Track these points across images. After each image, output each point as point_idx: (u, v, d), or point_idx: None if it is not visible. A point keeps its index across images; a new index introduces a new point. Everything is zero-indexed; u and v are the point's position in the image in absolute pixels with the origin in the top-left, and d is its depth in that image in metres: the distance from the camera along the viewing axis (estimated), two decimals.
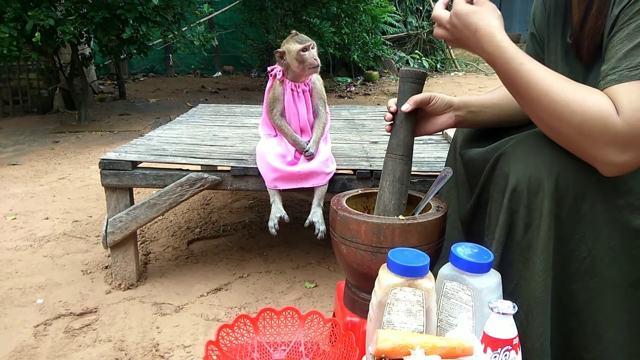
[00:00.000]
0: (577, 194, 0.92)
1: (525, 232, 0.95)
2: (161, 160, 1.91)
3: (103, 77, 8.67)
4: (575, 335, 0.96)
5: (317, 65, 1.73)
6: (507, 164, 0.99)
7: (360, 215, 1.17)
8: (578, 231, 0.93)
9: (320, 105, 1.86)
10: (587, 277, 0.93)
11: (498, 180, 1.01)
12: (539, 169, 0.93)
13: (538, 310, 0.93)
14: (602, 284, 0.93)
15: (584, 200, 0.92)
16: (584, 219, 0.92)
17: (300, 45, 1.69)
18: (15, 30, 4.06)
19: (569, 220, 0.93)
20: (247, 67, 9.66)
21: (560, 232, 0.93)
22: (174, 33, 5.06)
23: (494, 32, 0.99)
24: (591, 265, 0.93)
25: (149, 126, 4.93)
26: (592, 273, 0.93)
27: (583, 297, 0.94)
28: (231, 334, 1.32)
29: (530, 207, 0.94)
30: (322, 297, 1.87)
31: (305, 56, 1.70)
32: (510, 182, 0.96)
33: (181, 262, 2.16)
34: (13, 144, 4.48)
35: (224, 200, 2.91)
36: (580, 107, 0.87)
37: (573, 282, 0.95)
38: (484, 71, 8.55)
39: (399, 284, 0.97)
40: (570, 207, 0.92)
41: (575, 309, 0.95)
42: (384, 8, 7.04)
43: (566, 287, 0.95)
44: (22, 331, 1.65)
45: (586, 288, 0.94)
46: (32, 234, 2.47)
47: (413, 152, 1.22)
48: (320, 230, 1.73)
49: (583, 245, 0.93)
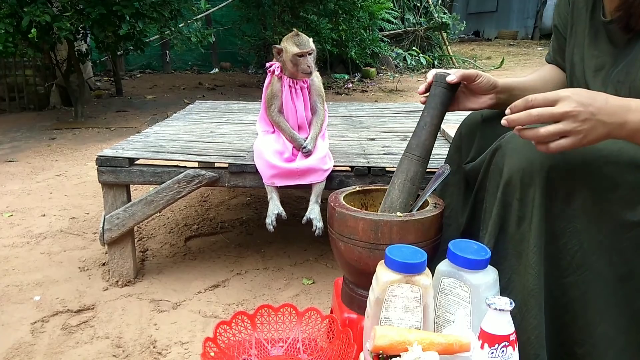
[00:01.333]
0: (568, 187, 0.92)
1: (518, 226, 0.96)
2: (158, 157, 1.91)
3: (100, 73, 8.64)
4: (567, 329, 0.97)
5: (309, 72, 1.73)
6: (501, 158, 0.99)
7: (358, 212, 1.17)
8: (569, 225, 0.93)
9: (319, 102, 1.86)
10: (579, 270, 0.94)
11: (493, 175, 1.01)
12: (531, 162, 0.93)
13: (532, 302, 0.94)
14: (593, 277, 0.94)
15: (575, 193, 0.92)
16: (575, 212, 0.93)
17: (298, 50, 1.69)
18: (11, 26, 4.04)
19: (561, 214, 0.93)
20: (244, 63, 9.63)
21: (552, 225, 0.94)
22: (171, 29, 5.04)
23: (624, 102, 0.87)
24: (582, 259, 0.94)
25: (146, 123, 4.92)
26: (584, 267, 0.94)
27: (575, 291, 0.95)
28: (229, 330, 1.32)
29: (523, 200, 0.94)
30: (320, 293, 1.87)
31: (300, 61, 1.71)
32: (504, 175, 0.97)
33: (178, 259, 2.16)
34: (9, 140, 4.46)
35: (222, 197, 2.91)
36: None
37: (565, 276, 0.95)
38: (481, 68, 8.55)
39: (396, 280, 0.97)
40: (561, 201, 0.93)
41: (568, 303, 0.96)
42: (382, 4, 7.02)
43: (559, 281, 0.96)
44: (19, 328, 1.65)
45: (578, 282, 0.94)
46: (29, 231, 2.47)
47: (431, 155, 1.22)
48: (318, 227, 1.73)
49: (575, 239, 0.94)
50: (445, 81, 1.17)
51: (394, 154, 1.98)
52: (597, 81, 1.06)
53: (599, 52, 1.06)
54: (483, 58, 10.12)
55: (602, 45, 1.06)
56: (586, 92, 0.86)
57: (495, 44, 12.80)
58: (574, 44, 1.15)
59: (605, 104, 0.85)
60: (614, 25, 1.01)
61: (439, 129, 1.22)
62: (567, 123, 0.84)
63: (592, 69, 1.07)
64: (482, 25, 15.60)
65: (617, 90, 0.99)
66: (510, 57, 9.53)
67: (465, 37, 14.24)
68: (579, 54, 1.12)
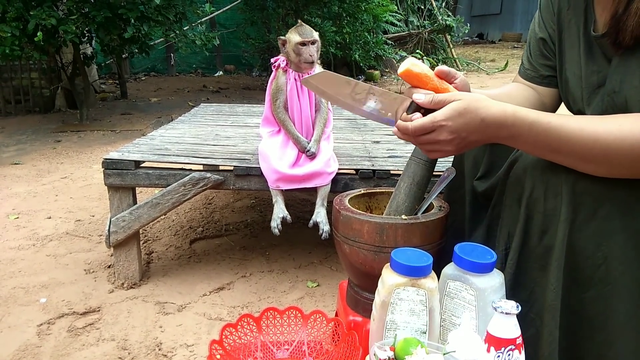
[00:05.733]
0: (594, 199, 0.90)
1: (541, 239, 0.94)
2: (164, 159, 1.92)
3: (105, 76, 8.68)
4: (585, 344, 0.94)
5: (311, 62, 1.75)
6: (522, 170, 0.97)
7: (363, 214, 1.17)
8: (593, 238, 0.90)
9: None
10: (601, 284, 0.91)
11: (512, 188, 0.99)
12: (556, 174, 0.92)
13: (549, 317, 0.92)
14: (616, 291, 0.90)
15: (600, 205, 0.90)
16: (600, 225, 0.90)
17: (300, 38, 1.71)
18: (18, 29, 4.07)
19: (585, 227, 0.91)
20: (249, 66, 9.67)
21: (575, 238, 0.91)
22: (176, 32, 5.07)
23: (501, 109, 0.90)
24: (606, 272, 0.90)
25: (151, 125, 4.94)
26: (607, 280, 0.91)
27: (595, 306, 0.92)
28: (235, 333, 1.33)
29: (547, 213, 0.92)
30: (325, 296, 1.87)
31: (302, 50, 1.73)
32: (526, 188, 0.95)
33: (184, 261, 2.17)
34: (15, 143, 4.49)
35: (226, 199, 2.92)
36: (636, 138, 0.83)
37: (586, 290, 0.93)
38: (485, 70, 8.54)
39: (402, 283, 0.97)
40: (587, 213, 0.90)
41: (587, 317, 0.93)
42: (386, 7, 7.04)
43: (579, 296, 0.93)
44: (25, 330, 1.66)
45: (600, 296, 0.91)
46: (34, 233, 2.48)
47: (437, 160, 1.21)
48: (325, 231, 1.73)
49: (599, 252, 0.90)
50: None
51: (398, 157, 1.98)
52: (596, 99, 1.02)
53: (599, 68, 1.02)
54: (487, 60, 10.10)
55: (600, 60, 1.02)
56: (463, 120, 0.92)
57: (499, 47, 12.78)
58: (564, 59, 1.11)
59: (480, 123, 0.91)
60: (605, 39, 0.98)
61: None
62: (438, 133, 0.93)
63: (594, 86, 1.03)
64: (486, 27, 15.58)
65: (613, 99, 0.95)
66: (514, 59, 9.51)
67: (469, 40, 14.23)
68: (572, 70, 1.08)
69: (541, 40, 1.17)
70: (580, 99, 1.06)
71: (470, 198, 1.22)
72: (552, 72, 1.17)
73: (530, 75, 1.21)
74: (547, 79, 1.18)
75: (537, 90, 1.21)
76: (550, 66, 1.17)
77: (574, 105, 1.08)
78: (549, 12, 1.15)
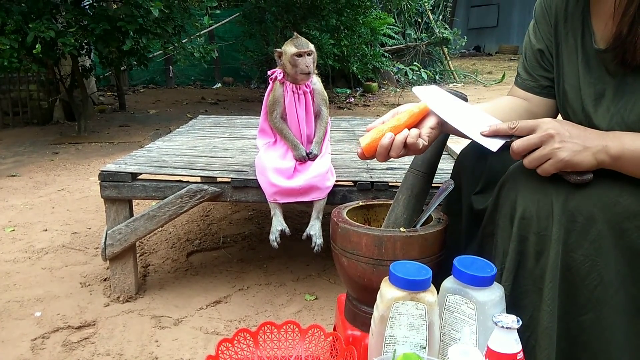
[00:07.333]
0: (585, 217, 0.89)
1: (537, 260, 0.92)
2: (161, 172, 1.91)
3: (103, 88, 8.70)
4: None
5: (308, 72, 1.74)
6: (513, 190, 0.96)
7: (361, 227, 1.16)
8: (588, 258, 0.90)
9: (322, 106, 1.87)
10: (599, 306, 0.90)
11: (504, 208, 0.98)
12: (546, 193, 0.91)
13: (545, 341, 0.91)
14: (613, 312, 0.89)
15: (591, 224, 0.89)
16: (593, 244, 0.89)
17: (296, 49, 1.72)
18: (16, 42, 4.08)
19: (578, 246, 0.90)
20: (247, 78, 9.71)
21: (570, 259, 0.90)
22: (174, 45, 5.08)
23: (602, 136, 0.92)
24: (603, 293, 0.89)
25: (149, 137, 4.94)
26: (604, 301, 0.90)
27: (594, 329, 0.91)
28: (231, 348, 1.31)
29: (541, 233, 0.91)
30: (323, 309, 1.86)
31: (298, 61, 1.73)
32: (518, 209, 0.94)
33: (180, 274, 2.15)
34: (12, 155, 4.48)
35: (224, 211, 2.90)
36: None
37: (584, 313, 0.91)
38: (482, 82, 8.59)
39: (401, 297, 0.96)
40: (578, 232, 0.89)
41: (586, 340, 0.92)
42: (383, 20, 7.10)
43: (576, 320, 0.92)
44: (19, 345, 1.63)
45: (598, 318, 0.90)
46: (30, 245, 2.46)
47: (436, 172, 1.21)
48: (317, 244, 1.72)
49: (594, 273, 0.90)
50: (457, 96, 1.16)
51: (396, 169, 1.98)
52: (600, 109, 1.01)
53: (596, 80, 1.02)
54: (484, 73, 10.17)
55: (598, 72, 1.02)
56: (565, 121, 0.94)
57: (496, 59, 12.88)
58: (562, 71, 1.11)
59: (584, 130, 0.93)
60: (609, 55, 0.98)
61: (445, 145, 1.22)
62: (546, 146, 0.91)
63: (591, 97, 1.03)
64: (483, 40, 15.71)
65: (623, 118, 0.96)
66: (511, 71, 9.57)
67: (466, 52, 14.34)
68: (570, 81, 1.08)
69: (539, 51, 1.17)
70: (580, 111, 1.05)
71: (467, 211, 1.21)
72: (550, 83, 1.17)
73: (530, 85, 1.20)
74: (546, 89, 1.18)
75: (532, 101, 1.20)
76: (548, 77, 1.17)
77: (574, 117, 1.07)
78: (546, 24, 1.15)
